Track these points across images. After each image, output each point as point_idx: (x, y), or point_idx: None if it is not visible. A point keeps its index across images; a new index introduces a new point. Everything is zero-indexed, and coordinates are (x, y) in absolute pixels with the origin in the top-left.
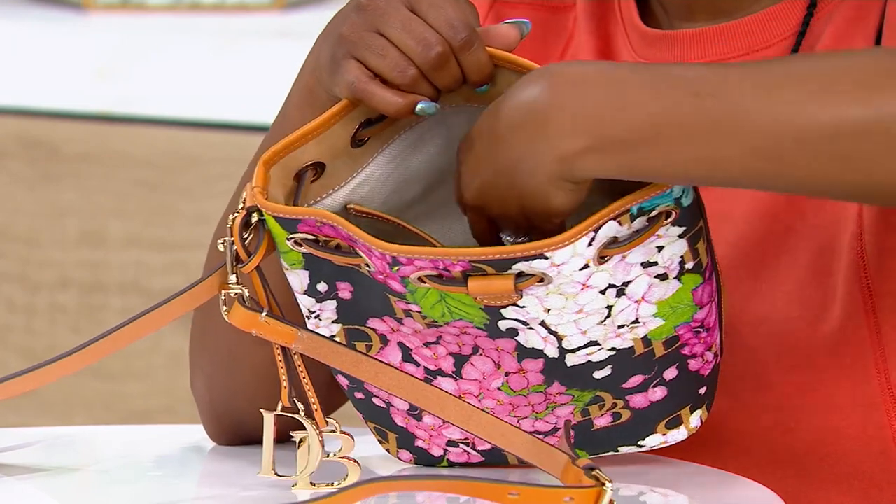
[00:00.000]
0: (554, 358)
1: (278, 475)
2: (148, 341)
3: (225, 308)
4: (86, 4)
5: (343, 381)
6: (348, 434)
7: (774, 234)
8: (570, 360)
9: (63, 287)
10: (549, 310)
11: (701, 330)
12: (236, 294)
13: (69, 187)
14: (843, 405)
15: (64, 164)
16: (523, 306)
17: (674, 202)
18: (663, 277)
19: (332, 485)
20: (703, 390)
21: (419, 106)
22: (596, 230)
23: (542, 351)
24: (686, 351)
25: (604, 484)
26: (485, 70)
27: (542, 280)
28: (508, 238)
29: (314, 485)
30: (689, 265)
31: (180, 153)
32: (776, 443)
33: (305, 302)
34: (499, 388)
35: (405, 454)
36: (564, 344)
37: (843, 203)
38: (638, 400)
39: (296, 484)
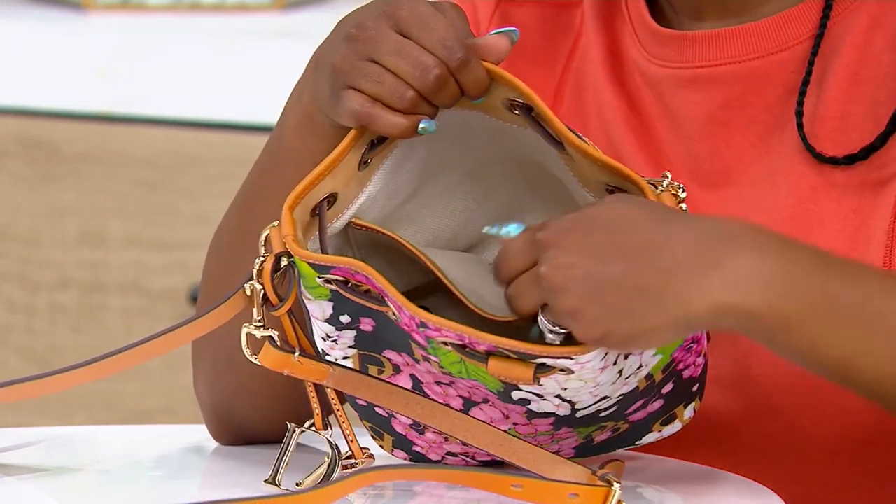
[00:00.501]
0: (565, 415)
1: (280, 487)
2: None
3: (249, 349)
4: (86, 4)
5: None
6: (372, 457)
7: (789, 232)
8: (581, 413)
9: (63, 287)
10: (566, 389)
11: (692, 344)
12: (266, 336)
13: (69, 187)
14: (856, 407)
15: (64, 164)
16: (541, 385)
17: None
18: None
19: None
20: (695, 388)
21: (421, 125)
22: None
23: (553, 413)
24: (681, 366)
25: (612, 484)
26: (483, 84)
27: (563, 371)
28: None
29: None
30: None
31: (180, 153)
32: (785, 443)
33: (324, 328)
34: (506, 431)
35: (400, 454)
36: (577, 406)
37: (864, 212)
38: (638, 416)
39: (300, 483)
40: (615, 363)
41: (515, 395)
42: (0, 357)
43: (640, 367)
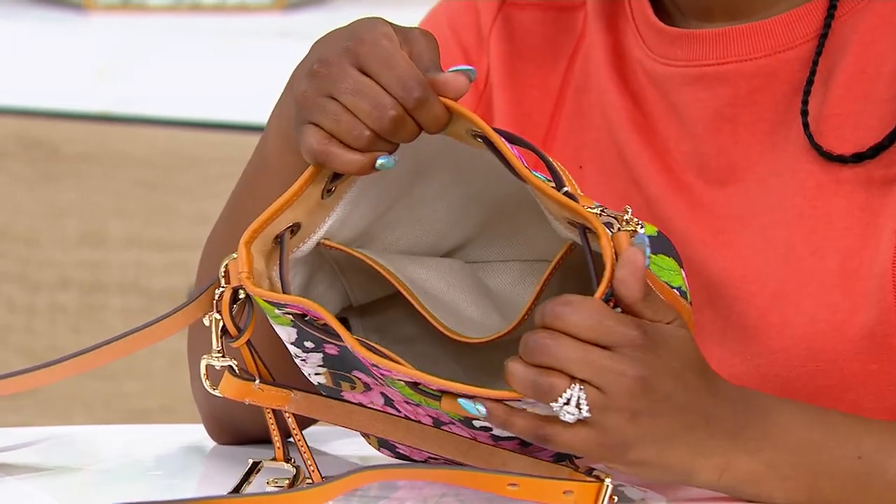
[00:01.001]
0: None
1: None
2: None
3: (208, 382)
4: (86, 5)
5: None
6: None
7: (800, 236)
8: None
9: (63, 287)
10: None
11: None
12: (225, 366)
13: (69, 187)
14: (868, 410)
15: (64, 164)
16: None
17: (609, 298)
18: None
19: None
20: None
21: (379, 161)
22: None
23: (516, 436)
24: None
25: (603, 480)
26: (441, 122)
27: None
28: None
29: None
30: None
31: (180, 153)
32: None
33: (293, 349)
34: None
35: (386, 452)
36: None
37: (872, 210)
38: None
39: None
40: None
41: (476, 423)
42: (1, 357)
43: None
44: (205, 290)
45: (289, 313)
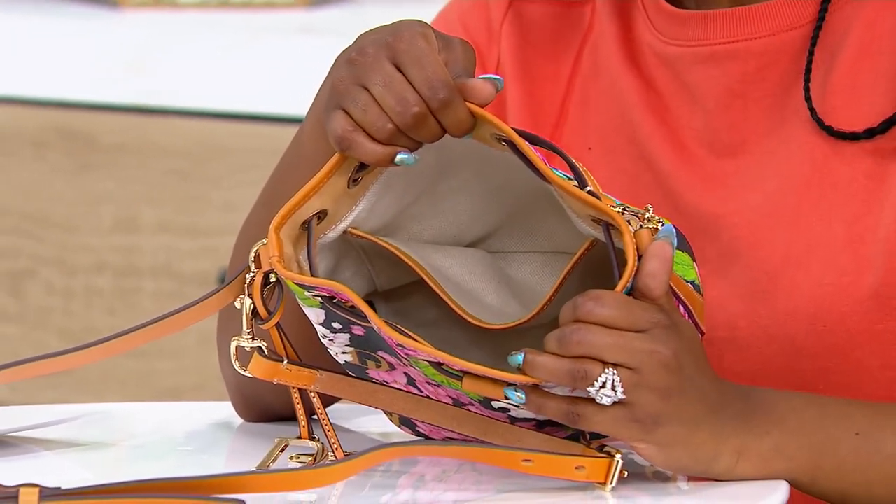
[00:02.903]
0: (545, 419)
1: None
2: None
3: (238, 362)
4: (120, 2)
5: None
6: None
7: (808, 203)
8: None
9: (99, 271)
10: None
11: None
12: (254, 347)
13: (105, 176)
14: (872, 368)
15: (100, 154)
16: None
17: (629, 292)
18: None
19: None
20: None
21: (398, 157)
22: None
23: (534, 418)
24: None
25: (614, 456)
26: (464, 126)
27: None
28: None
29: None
30: None
31: (210, 143)
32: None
33: (321, 330)
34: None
35: (407, 430)
36: None
37: (878, 178)
38: None
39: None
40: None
41: (495, 404)
42: (40, 337)
43: None
44: (235, 277)
45: (318, 296)
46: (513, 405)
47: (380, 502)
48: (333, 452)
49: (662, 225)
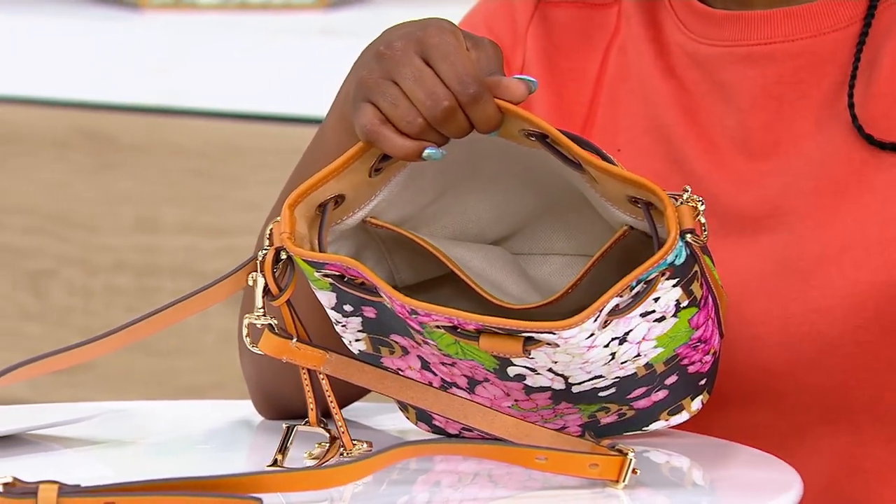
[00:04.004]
0: (561, 389)
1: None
2: (198, 320)
3: (249, 339)
4: (141, 4)
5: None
6: (369, 443)
7: (844, 206)
8: (577, 389)
9: (120, 270)
10: (556, 362)
11: (700, 343)
12: (265, 324)
13: (125, 176)
14: None
15: (120, 154)
16: (532, 357)
17: (668, 265)
18: (661, 319)
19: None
20: (702, 382)
21: (426, 152)
22: (601, 310)
23: (549, 387)
24: (685, 362)
25: (626, 454)
26: (492, 122)
27: (549, 344)
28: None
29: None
30: (685, 303)
31: (229, 144)
32: (833, 401)
33: (333, 315)
34: (509, 407)
35: (423, 426)
36: (571, 381)
37: None
38: (642, 403)
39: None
40: (606, 346)
41: (511, 371)
42: (61, 336)
43: (638, 355)
44: (249, 261)
45: (328, 275)
46: (528, 369)
47: (395, 501)
48: (341, 436)
49: (702, 204)
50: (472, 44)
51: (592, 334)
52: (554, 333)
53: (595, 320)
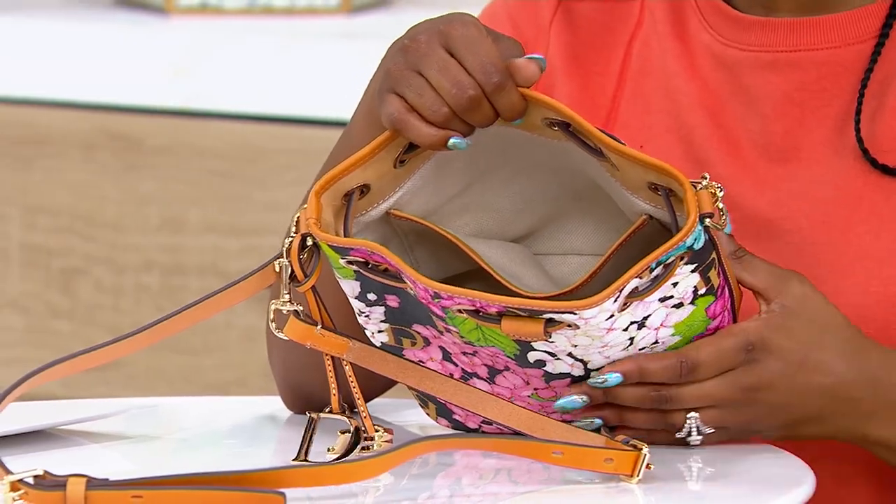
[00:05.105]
0: (580, 376)
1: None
2: (223, 319)
3: (274, 324)
4: (167, 8)
5: None
6: (390, 431)
7: (859, 214)
8: (594, 374)
9: (147, 269)
10: (576, 346)
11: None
12: (291, 310)
13: (151, 177)
14: None
15: (146, 156)
16: (552, 341)
17: (687, 249)
18: (679, 306)
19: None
20: None
21: (451, 141)
22: (621, 290)
23: (568, 373)
24: None
25: (641, 449)
26: (517, 109)
27: (570, 326)
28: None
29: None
30: (702, 291)
31: (253, 146)
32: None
33: (357, 305)
34: (529, 396)
35: (443, 422)
36: (590, 366)
37: None
38: None
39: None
40: (625, 329)
41: (531, 356)
42: (90, 334)
43: (656, 342)
44: (275, 258)
45: (352, 262)
46: (549, 354)
47: (416, 496)
48: (363, 421)
49: (720, 190)
50: (493, 37)
51: (612, 315)
52: (574, 314)
53: (615, 301)
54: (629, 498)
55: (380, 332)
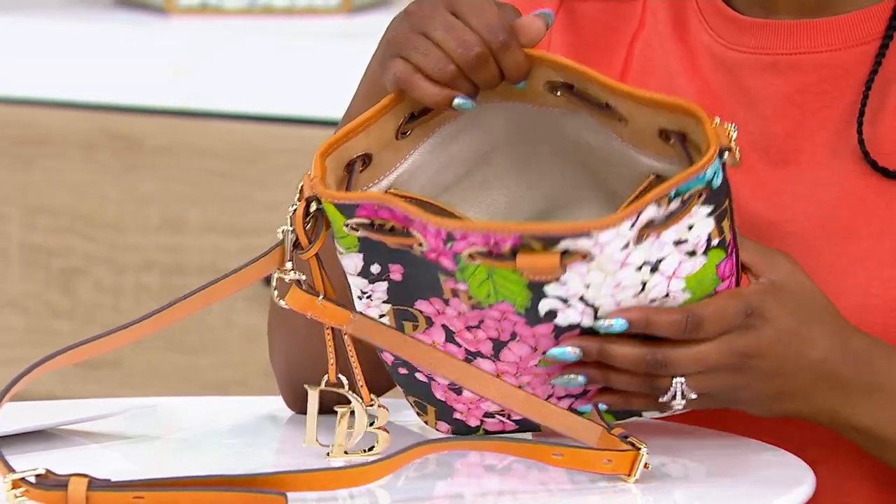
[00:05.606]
0: (589, 326)
1: (321, 444)
2: (222, 318)
3: (277, 293)
4: (167, 8)
5: (388, 358)
6: (384, 407)
7: (861, 218)
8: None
9: (147, 269)
10: (588, 285)
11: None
12: (293, 280)
13: (151, 177)
14: None
15: (146, 156)
16: (565, 283)
17: (706, 184)
18: (692, 254)
19: (366, 451)
20: None
21: (456, 101)
22: (639, 214)
23: (578, 324)
24: None
25: (639, 448)
26: (522, 69)
27: (585, 257)
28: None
29: (347, 453)
30: (715, 242)
31: (252, 146)
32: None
33: (358, 283)
34: (535, 365)
35: (443, 426)
36: (600, 314)
37: None
38: None
39: (329, 453)
40: (639, 269)
41: (542, 306)
42: (90, 333)
43: (667, 295)
44: (276, 246)
45: (357, 226)
46: (560, 301)
47: (415, 497)
48: (359, 391)
49: (734, 130)
50: (496, 2)
51: (627, 245)
52: (590, 237)
53: (632, 227)
54: (628, 498)
55: (381, 315)
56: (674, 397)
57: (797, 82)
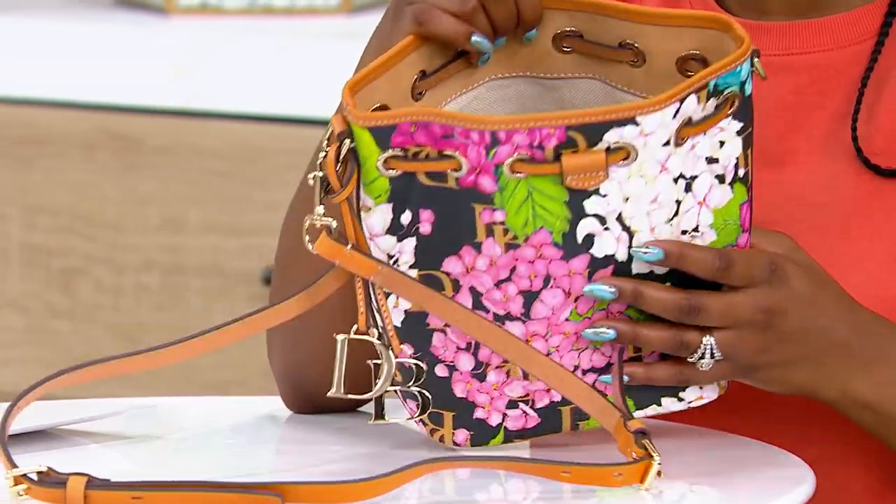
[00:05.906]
0: (623, 262)
1: (347, 396)
2: (222, 318)
3: (308, 239)
4: (167, 8)
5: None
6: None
7: (856, 219)
8: (636, 267)
9: (147, 269)
10: (627, 198)
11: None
12: (324, 225)
13: (151, 177)
14: None
15: (146, 156)
16: (605, 195)
17: (739, 86)
18: (721, 180)
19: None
20: None
21: (474, 38)
22: (681, 101)
23: (613, 255)
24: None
25: (651, 456)
26: (537, 9)
27: (627, 157)
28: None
29: (384, 417)
30: (741, 172)
31: (252, 146)
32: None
33: (385, 245)
34: (566, 319)
35: (461, 434)
36: (634, 241)
37: None
38: None
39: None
40: (675, 181)
41: (581, 228)
42: (91, 333)
43: (696, 228)
44: (329, 269)
45: (392, 158)
46: (599, 221)
47: (415, 497)
48: (388, 339)
49: (757, 56)
50: None
51: (668, 142)
52: (637, 123)
53: (674, 115)
54: (628, 498)
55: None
56: (702, 356)
57: (790, 84)
